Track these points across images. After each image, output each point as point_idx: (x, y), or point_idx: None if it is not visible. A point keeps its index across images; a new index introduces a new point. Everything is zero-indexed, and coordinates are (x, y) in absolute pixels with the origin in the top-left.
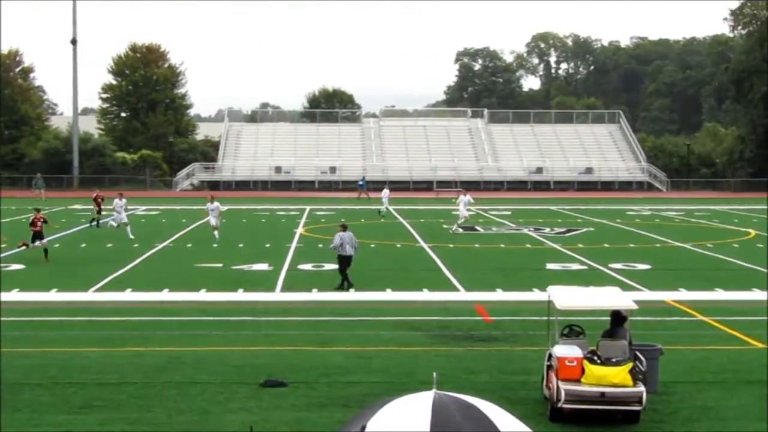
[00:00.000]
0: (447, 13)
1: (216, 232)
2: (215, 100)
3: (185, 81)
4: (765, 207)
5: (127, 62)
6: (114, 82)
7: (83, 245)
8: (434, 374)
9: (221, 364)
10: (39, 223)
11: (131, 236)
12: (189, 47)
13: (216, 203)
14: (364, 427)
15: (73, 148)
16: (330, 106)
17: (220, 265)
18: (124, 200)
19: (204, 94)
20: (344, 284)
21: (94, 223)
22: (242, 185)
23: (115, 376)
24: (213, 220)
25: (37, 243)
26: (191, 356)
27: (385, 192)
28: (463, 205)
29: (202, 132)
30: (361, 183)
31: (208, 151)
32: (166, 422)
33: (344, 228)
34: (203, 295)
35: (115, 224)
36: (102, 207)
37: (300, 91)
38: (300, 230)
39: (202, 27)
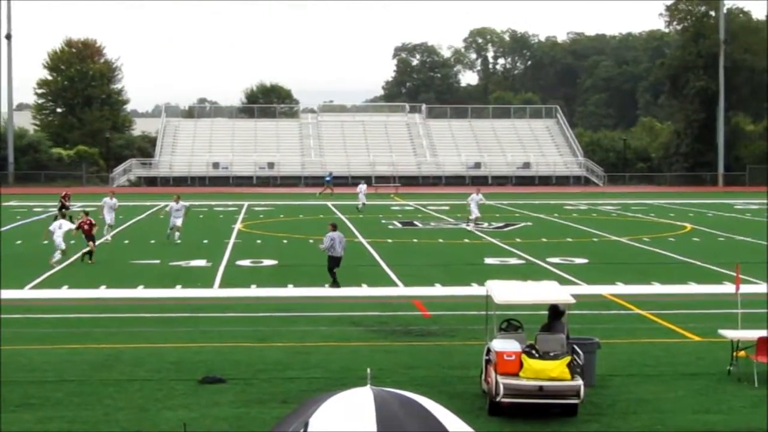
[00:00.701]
0: (385, 8)
1: (178, 234)
2: (152, 96)
3: (122, 76)
4: (701, 201)
5: (62, 57)
6: (49, 78)
7: (19, 242)
8: (368, 370)
9: (159, 361)
10: (85, 226)
11: (109, 238)
12: (125, 42)
13: (182, 203)
14: (306, 425)
15: (8, 145)
16: (268, 102)
17: (158, 261)
18: (114, 199)
19: (141, 89)
20: (335, 282)
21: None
22: (180, 181)
23: (52, 374)
24: (178, 221)
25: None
26: (129, 353)
27: (362, 187)
28: (474, 203)
29: (139, 128)
30: (327, 178)
31: (146, 147)
32: (104, 420)
33: (334, 228)
34: (141, 292)
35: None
36: (68, 205)
37: (238, 87)
38: (238, 226)
39: (138, 22)
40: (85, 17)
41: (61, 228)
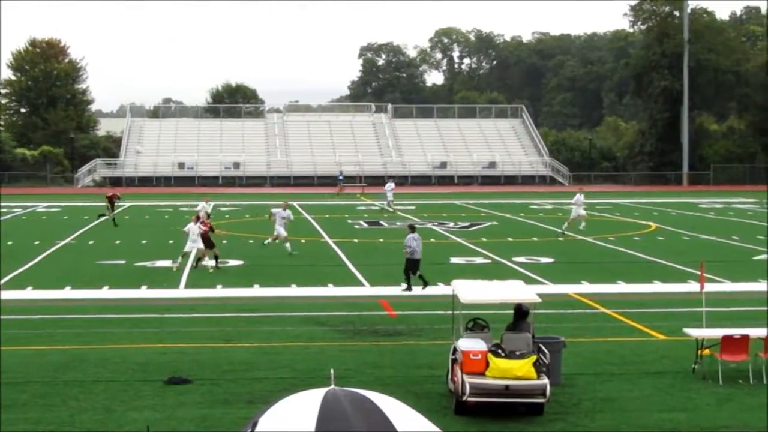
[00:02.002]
0: (350, 7)
1: (289, 244)
2: (117, 96)
3: (86, 76)
4: (665, 200)
5: (26, 57)
6: (13, 78)
7: None
8: (331, 371)
9: (125, 362)
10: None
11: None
12: (89, 42)
13: (289, 210)
14: (255, 424)
15: None
16: (233, 102)
17: (123, 261)
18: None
19: (105, 89)
20: (410, 284)
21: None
22: (145, 181)
23: (17, 376)
24: (283, 231)
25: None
26: (95, 354)
27: (390, 185)
28: (579, 205)
29: (104, 128)
30: (340, 178)
31: (110, 147)
32: (69, 421)
33: (413, 229)
34: (106, 293)
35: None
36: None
37: (203, 87)
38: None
39: (103, 22)
40: (50, 17)
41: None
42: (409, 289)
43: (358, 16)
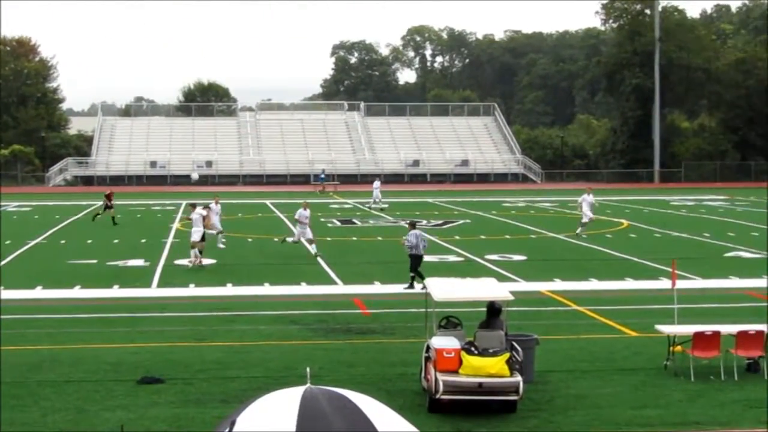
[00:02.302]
0: (323, 6)
1: (314, 246)
2: (88, 95)
3: (57, 75)
4: (637, 197)
5: None
6: None
7: None
8: (307, 369)
9: (97, 362)
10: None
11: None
12: (60, 40)
13: (309, 210)
14: (233, 423)
15: None
16: (205, 100)
17: (95, 261)
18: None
19: (77, 88)
20: (414, 282)
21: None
22: (117, 180)
23: None
24: (308, 232)
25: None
26: (67, 354)
27: (377, 184)
28: (587, 204)
29: (75, 126)
30: (321, 176)
31: (82, 146)
32: (41, 421)
33: (413, 226)
34: (78, 292)
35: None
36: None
37: (175, 85)
38: (176, 225)
39: (74, 20)
40: (20, 15)
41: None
42: (411, 287)
43: (331, 15)
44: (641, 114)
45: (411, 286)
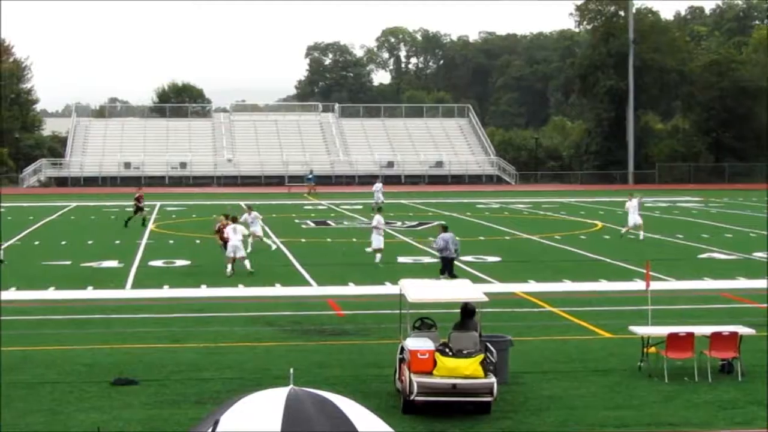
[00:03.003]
0: (297, 7)
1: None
2: (62, 95)
3: (31, 75)
4: (611, 199)
5: None
6: None
7: None
8: (290, 370)
9: (71, 363)
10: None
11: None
12: (34, 41)
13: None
14: (217, 422)
15: None
16: (180, 101)
17: (69, 262)
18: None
19: (51, 88)
20: (445, 275)
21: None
22: (91, 181)
23: None
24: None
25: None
26: (40, 355)
27: (378, 186)
28: (634, 209)
29: (49, 127)
30: (309, 177)
31: (56, 147)
32: (14, 423)
33: (445, 229)
34: (52, 293)
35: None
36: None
37: (149, 86)
38: (150, 226)
39: (48, 21)
40: None
41: (236, 233)
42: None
43: (305, 16)
44: (615, 116)
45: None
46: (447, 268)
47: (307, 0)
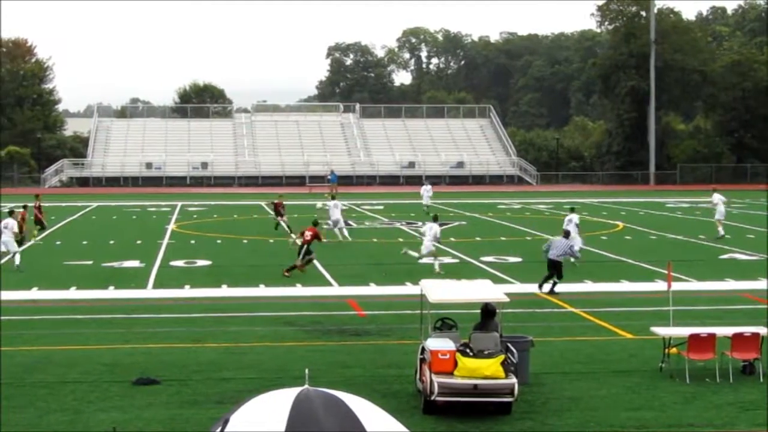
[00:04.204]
0: (318, 7)
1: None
2: (84, 96)
3: (53, 76)
4: (632, 199)
5: None
6: None
7: None
8: (306, 370)
9: (92, 363)
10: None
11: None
12: (56, 42)
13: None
14: (227, 422)
15: None
16: (201, 102)
17: (90, 262)
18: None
19: (73, 89)
20: (548, 284)
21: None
22: (112, 181)
23: None
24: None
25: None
26: (62, 355)
27: (427, 187)
28: (720, 213)
29: (71, 128)
30: (331, 177)
31: (77, 147)
32: (37, 423)
33: (567, 235)
34: (73, 293)
35: None
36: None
37: (170, 87)
38: (171, 226)
39: (70, 21)
40: (16, 17)
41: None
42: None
43: (326, 16)
44: (637, 116)
45: (551, 292)
46: (555, 270)
47: (329, 0)
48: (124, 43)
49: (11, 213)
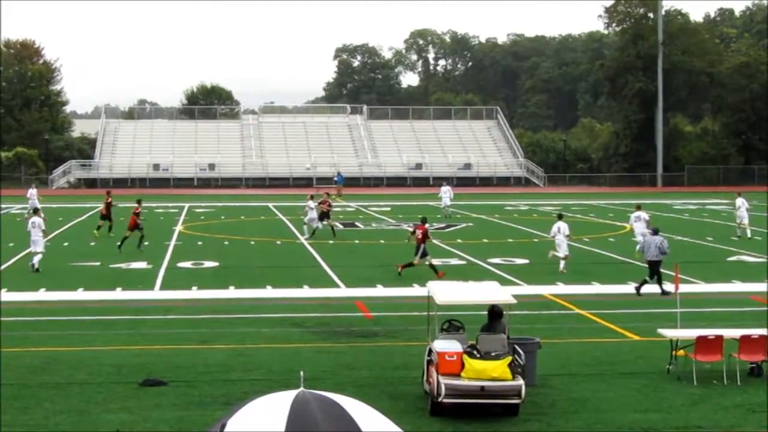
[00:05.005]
0: (325, 9)
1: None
2: (92, 97)
3: (61, 77)
4: (640, 201)
5: (0, 58)
6: None
7: None
8: (301, 373)
9: (100, 364)
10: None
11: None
12: (64, 43)
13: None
14: (224, 426)
15: None
16: (208, 103)
17: (98, 263)
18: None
19: (80, 90)
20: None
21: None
22: (120, 182)
23: None
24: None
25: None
26: (69, 356)
27: (447, 189)
28: (743, 216)
29: (79, 129)
30: (337, 179)
31: (85, 149)
32: (44, 423)
33: (656, 232)
34: (80, 294)
35: None
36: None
37: (178, 88)
38: (179, 228)
39: (77, 22)
40: (24, 18)
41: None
42: (663, 293)
43: (334, 17)
44: (644, 118)
45: (663, 293)
46: (654, 271)
47: (336, 1)
48: (132, 44)
49: (36, 211)
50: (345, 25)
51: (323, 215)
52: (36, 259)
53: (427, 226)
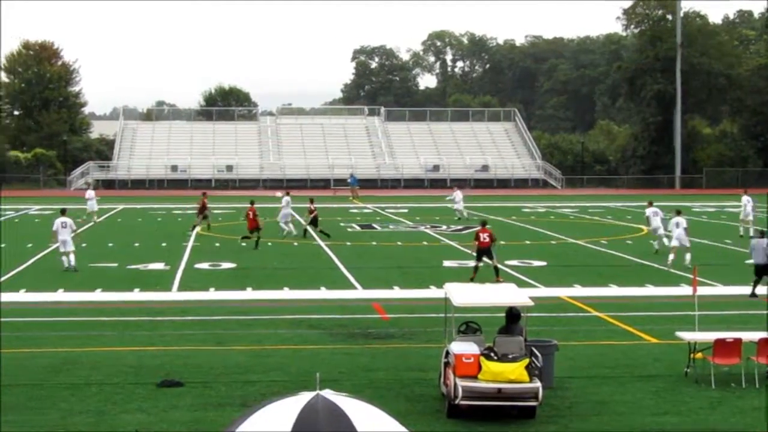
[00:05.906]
0: (343, 10)
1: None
2: (110, 98)
3: (79, 78)
4: (658, 203)
5: (19, 60)
6: (6, 80)
7: None
8: (317, 374)
9: (117, 365)
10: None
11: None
12: (83, 44)
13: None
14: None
15: None
16: (226, 104)
17: (115, 264)
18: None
19: (98, 92)
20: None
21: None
22: (138, 184)
23: (7, 379)
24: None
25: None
26: (86, 357)
27: (458, 193)
28: (751, 207)
29: (97, 130)
30: (351, 180)
31: (103, 150)
32: (61, 424)
33: (762, 234)
34: (98, 295)
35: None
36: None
37: (196, 89)
38: (196, 229)
39: (96, 24)
40: (43, 19)
41: None
42: (753, 295)
43: (351, 19)
44: (662, 120)
45: (752, 295)
46: (761, 273)
47: (354, 1)
48: (150, 45)
49: (63, 212)
50: (363, 26)
51: (314, 221)
52: (72, 258)
53: (489, 228)
